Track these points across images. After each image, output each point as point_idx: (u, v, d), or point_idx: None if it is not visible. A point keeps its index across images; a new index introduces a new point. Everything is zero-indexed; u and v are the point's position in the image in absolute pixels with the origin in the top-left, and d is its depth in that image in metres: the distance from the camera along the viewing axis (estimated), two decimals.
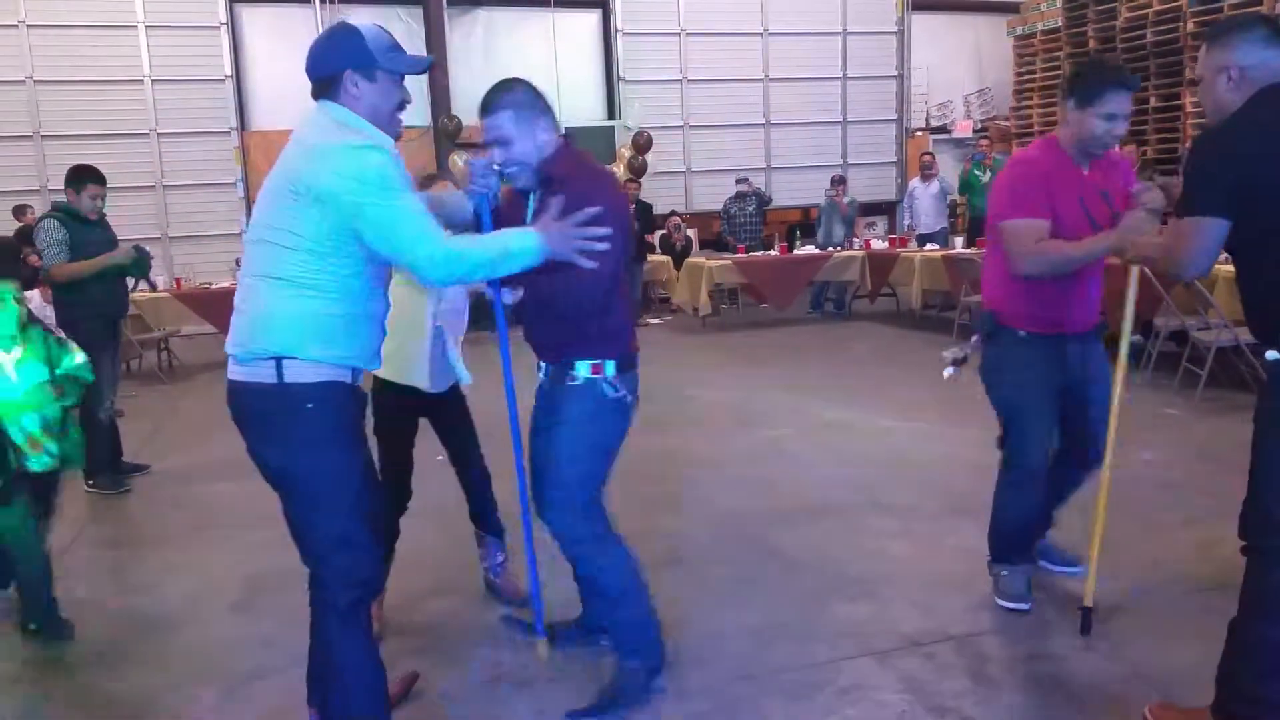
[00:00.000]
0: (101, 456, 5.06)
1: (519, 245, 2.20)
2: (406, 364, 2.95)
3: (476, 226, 2.48)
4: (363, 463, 2.24)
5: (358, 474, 2.21)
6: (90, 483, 5.02)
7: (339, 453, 2.18)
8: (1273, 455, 2.17)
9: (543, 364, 2.59)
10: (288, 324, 2.10)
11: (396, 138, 2.27)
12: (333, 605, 2.22)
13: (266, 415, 2.16)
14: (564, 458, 2.50)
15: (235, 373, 2.19)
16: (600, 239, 2.28)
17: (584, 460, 2.51)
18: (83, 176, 4.98)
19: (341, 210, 2.04)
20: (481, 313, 2.91)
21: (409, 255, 2.07)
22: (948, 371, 3.11)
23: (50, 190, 10.25)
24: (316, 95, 2.24)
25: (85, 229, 4.94)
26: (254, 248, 2.17)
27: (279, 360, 2.11)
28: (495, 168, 2.46)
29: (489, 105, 2.47)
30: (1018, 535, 3.10)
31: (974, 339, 3.15)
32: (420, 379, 2.97)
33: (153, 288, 6.99)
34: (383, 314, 2.28)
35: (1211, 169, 2.20)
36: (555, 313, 2.45)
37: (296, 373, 2.11)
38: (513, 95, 2.47)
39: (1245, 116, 2.18)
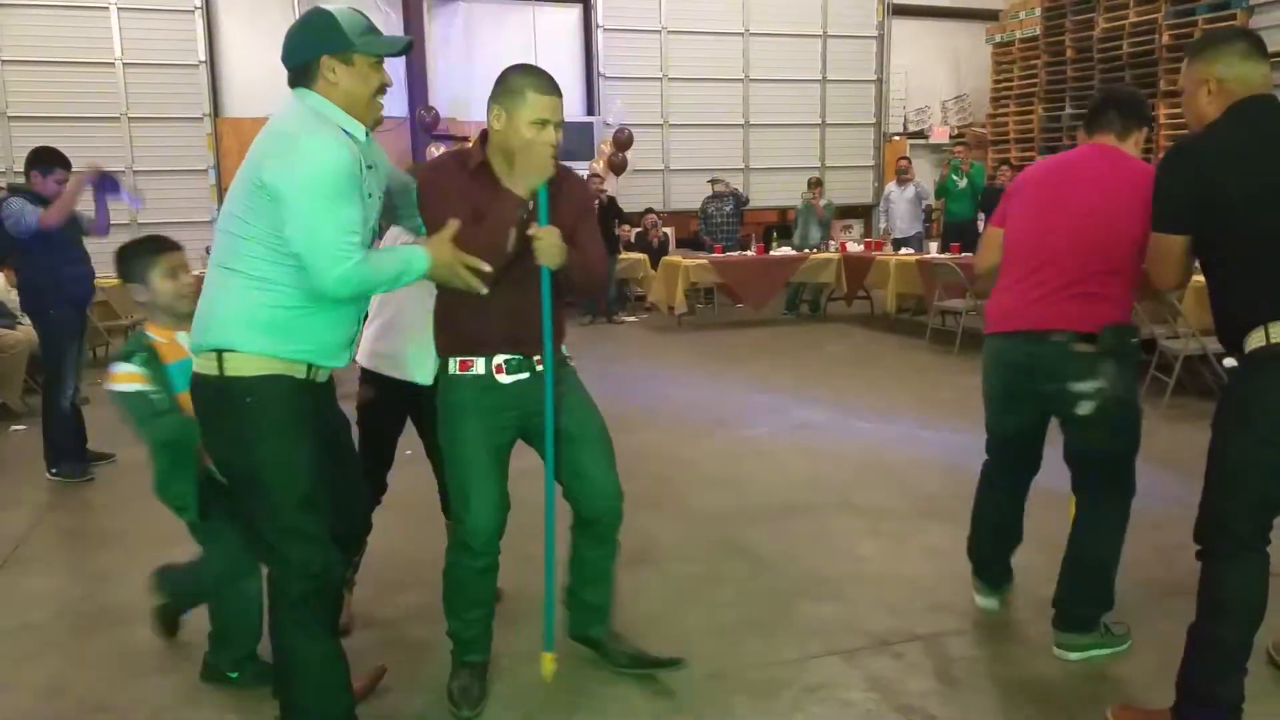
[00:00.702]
0: (65, 444, 4.98)
1: (408, 267, 2.20)
2: (410, 361, 2.87)
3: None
4: (311, 455, 2.19)
5: (305, 466, 2.17)
6: (53, 470, 4.94)
7: (283, 445, 2.15)
8: (1223, 457, 2.22)
9: (522, 357, 2.46)
10: (232, 316, 2.10)
11: (376, 124, 2.24)
12: (285, 597, 2.20)
13: (210, 407, 2.16)
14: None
15: (195, 364, 2.20)
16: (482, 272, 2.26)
17: None
18: (50, 160, 4.86)
19: (280, 204, 2.03)
20: None
21: (322, 269, 2.04)
22: (1085, 407, 2.65)
23: (16, 173, 10.06)
24: (293, 83, 2.21)
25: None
26: (218, 236, 2.17)
27: (220, 353, 2.10)
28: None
29: (554, 85, 2.39)
30: None
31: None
32: (422, 376, 2.88)
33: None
34: (351, 310, 2.25)
35: (1171, 186, 2.26)
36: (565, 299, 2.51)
37: (237, 366, 2.10)
38: None
39: (1212, 131, 2.22)
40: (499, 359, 2.44)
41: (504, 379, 2.45)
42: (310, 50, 2.16)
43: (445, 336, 2.50)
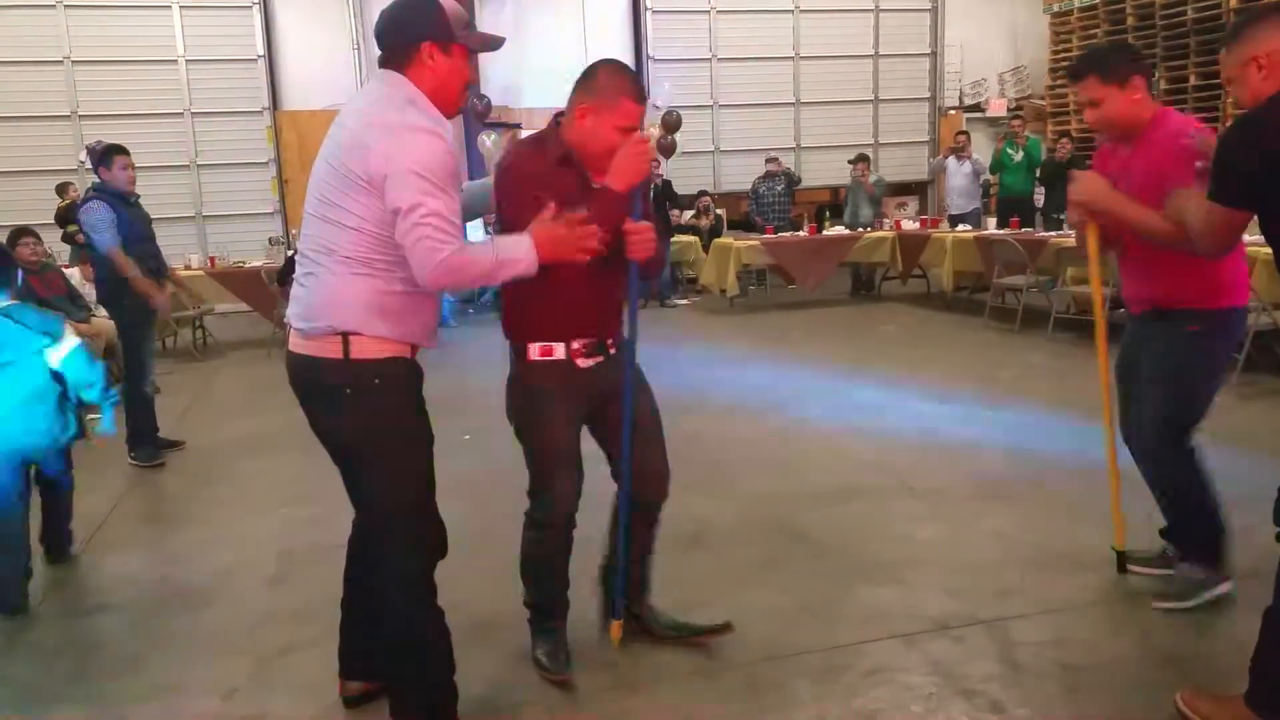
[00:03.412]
0: (144, 429, 5.17)
1: (509, 255, 2.16)
2: None
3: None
4: (428, 433, 2.28)
5: (425, 443, 2.26)
6: (133, 455, 5.14)
7: (409, 424, 2.23)
8: None
9: (598, 341, 2.55)
10: (350, 301, 2.13)
11: (453, 117, 2.26)
12: (405, 575, 2.25)
13: (335, 389, 2.17)
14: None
15: (300, 346, 2.20)
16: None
17: None
18: (107, 152, 5.09)
19: (386, 193, 2.04)
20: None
21: (425, 255, 2.04)
22: None
23: (89, 170, 10.40)
24: (384, 63, 2.19)
25: (128, 209, 5.07)
26: (316, 223, 2.17)
27: (345, 336, 2.13)
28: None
29: (644, 92, 2.48)
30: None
31: None
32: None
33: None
34: (439, 294, 2.29)
35: (1231, 158, 2.19)
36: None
37: (362, 349, 2.14)
38: None
39: (1274, 104, 2.14)
40: (577, 343, 2.51)
41: (582, 363, 2.52)
42: (414, 33, 2.15)
43: (522, 323, 2.54)
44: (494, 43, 2.30)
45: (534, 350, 2.51)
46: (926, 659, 2.69)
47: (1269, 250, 2.28)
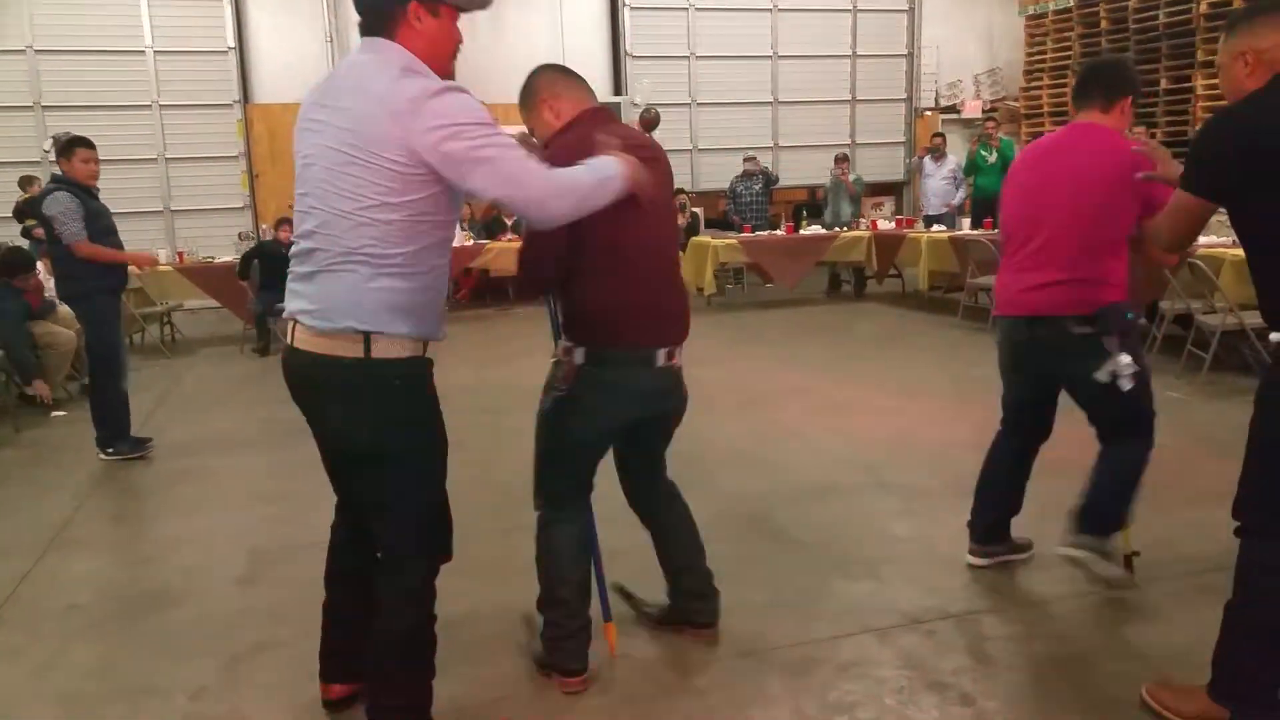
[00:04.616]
0: (122, 424, 5.13)
1: (606, 172, 2.15)
2: None
3: None
4: (444, 430, 2.24)
5: (445, 442, 2.23)
6: (109, 450, 5.08)
7: (430, 424, 2.19)
8: (1265, 434, 2.18)
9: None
10: (371, 300, 2.04)
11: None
12: (416, 578, 2.21)
13: (353, 390, 2.09)
14: None
15: (312, 344, 2.09)
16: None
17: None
18: (69, 144, 4.99)
19: (447, 162, 1.94)
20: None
21: (528, 190, 1.98)
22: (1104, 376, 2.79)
23: (52, 162, 10.22)
24: (368, 30, 2.07)
25: (92, 202, 4.97)
26: (330, 218, 2.03)
27: (367, 336, 2.05)
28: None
29: None
30: None
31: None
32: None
33: None
34: (444, 287, 2.24)
35: (1210, 148, 2.21)
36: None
37: (384, 349, 2.07)
38: None
39: (1255, 98, 2.16)
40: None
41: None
42: None
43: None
44: (483, 1, 2.17)
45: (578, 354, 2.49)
46: (899, 653, 2.71)
47: (1236, 252, 2.32)
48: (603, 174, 2.16)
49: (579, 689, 2.56)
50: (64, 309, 6.00)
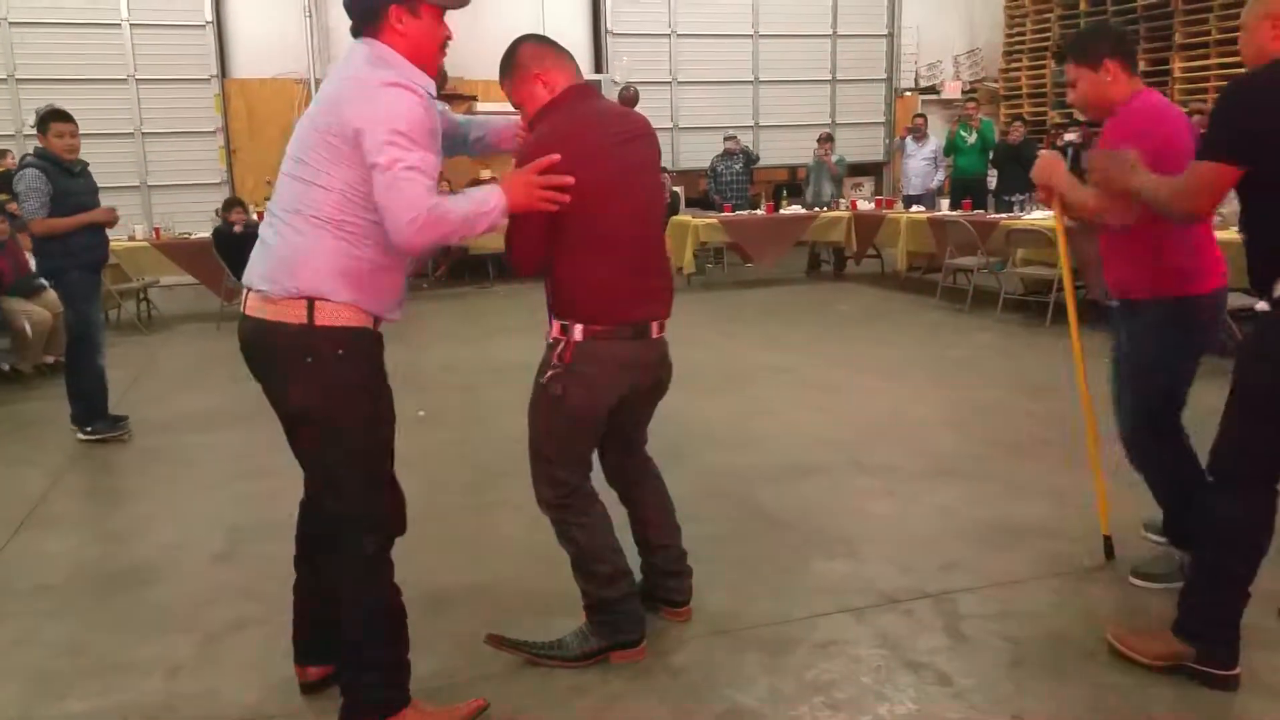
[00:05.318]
0: (99, 402, 5.06)
1: (483, 205, 2.16)
2: None
3: None
4: (388, 406, 2.24)
5: (388, 418, 2.23)
6: (87, 429, 5.01)
7: (371, 396, 2.18)
8: (1239, 383, 2.26)
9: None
10: (320, 264, 2.07)
11: (441, 83, 2.24)
12: (362, 552, 2.20)
13: (294, 357, 2.11)
14: None
15: (258, 309, 2.13)
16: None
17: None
18: (45, 118, 4.91)
19: (361, 152, 2.01)
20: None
21: (398, 213, 2.01)
22: None
23: (26, 136, 10.05)
24: (357, 31, 2.18)
25: (68, 179, 4.87)
26: (289, 182, 2.12)
27: (311, 301, 2.07)
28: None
29: None
30: None
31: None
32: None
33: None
34: (406, 265, 2.24)
35: (1231, 115, 2.22)
36: None
37: (327, 315, 2.08)
38: None
39: (1276, 65, 2.18)
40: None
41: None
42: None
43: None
44: (460, 0, 2.24)
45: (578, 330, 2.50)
46: (876, 632, 2.73)
47: (1228, 233, 2.34)
48: (480, 209, 2.16)
49: (641, 657, 2.58)
50: (51, 292, 5.93)
